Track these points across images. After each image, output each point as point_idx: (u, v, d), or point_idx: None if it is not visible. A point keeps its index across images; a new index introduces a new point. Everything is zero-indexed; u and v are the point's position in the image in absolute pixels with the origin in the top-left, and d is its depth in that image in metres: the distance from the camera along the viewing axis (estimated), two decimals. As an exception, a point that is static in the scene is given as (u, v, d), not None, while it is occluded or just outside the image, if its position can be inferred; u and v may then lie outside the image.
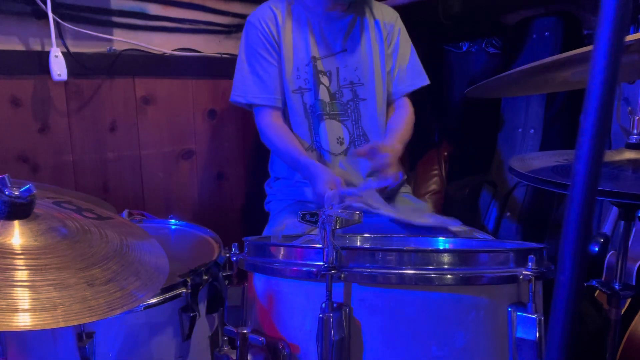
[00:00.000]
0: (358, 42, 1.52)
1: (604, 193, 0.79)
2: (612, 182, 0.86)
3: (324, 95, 1.49)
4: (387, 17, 1.57)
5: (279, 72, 1.49)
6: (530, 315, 0.74)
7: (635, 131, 0.99)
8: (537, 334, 0.73)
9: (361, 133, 1.53)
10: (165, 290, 0.87)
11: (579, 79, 0.98)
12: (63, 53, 1.47)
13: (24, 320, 0.59)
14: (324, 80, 1.50)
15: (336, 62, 1.51)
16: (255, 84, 1.49)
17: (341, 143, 1.51)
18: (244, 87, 1.50)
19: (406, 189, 1.63)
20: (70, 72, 1.49)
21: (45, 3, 1.41)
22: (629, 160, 0.96)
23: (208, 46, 1.84)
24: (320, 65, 1.50)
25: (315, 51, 1.49)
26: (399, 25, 1.58)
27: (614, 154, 1.00)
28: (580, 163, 0.38)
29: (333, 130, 1.50)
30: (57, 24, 1.46)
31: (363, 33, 1.53)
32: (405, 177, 1.63)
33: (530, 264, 0.76)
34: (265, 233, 1.46)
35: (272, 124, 1.49)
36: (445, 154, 2.11)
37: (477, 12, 2.13)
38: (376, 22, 1.55)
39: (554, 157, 1.06)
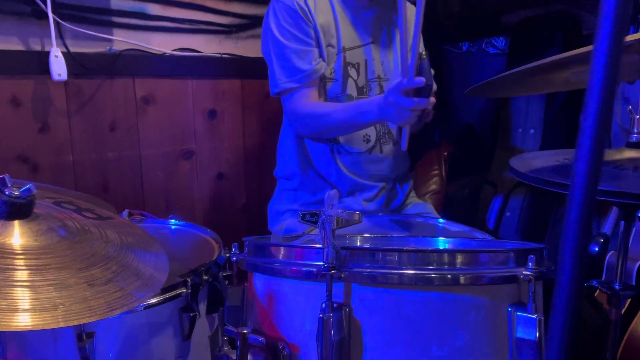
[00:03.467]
0: (384, 36, 1.46)
1: (604, 193, 0.79)
2: (612, 182, 0.86)
3: (351, 89, 1.42)
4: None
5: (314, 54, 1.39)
6: (530, 315, 0.74)
7: (635, 130, 0.99)
8: (537, 334, 0.73)
9: (386, 130, 1.47)
10: (165, 290, 0.87)
11: (579, 79, 0.98)
12: (63, 53, 1.47)
13: (24, 320, 0.58)
14: (352, 73, 1.42)
15: (364, 54, 1.43)
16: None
17: (367, 141, 1.44)
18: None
19: (413, 196, 1.61)
20: (70, 72, 1.49)
21: (45, 3, 1.41)
22: (630, 159, 0.96)
23: (208, 46, 1.84)
24: (349, 57, 1.41)
25: (345, 41, 1.40)
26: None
27: (614, 153, 1.00)
28: (580, 163, 0.38)
29: None
30: (57, 24, 1.46)
31: (389, 27, 1.47)
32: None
33: (530, 264, 0.76)
34: None
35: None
36: (445, 154, 2.11)
37: (477, 12, 2.13)
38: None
39: (554, 156, 1.05)
